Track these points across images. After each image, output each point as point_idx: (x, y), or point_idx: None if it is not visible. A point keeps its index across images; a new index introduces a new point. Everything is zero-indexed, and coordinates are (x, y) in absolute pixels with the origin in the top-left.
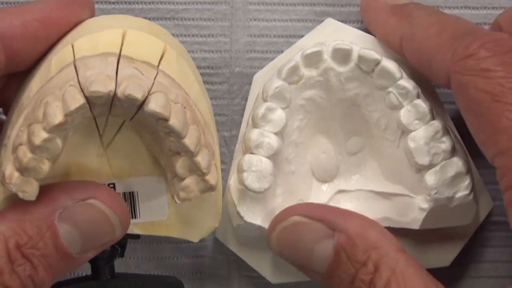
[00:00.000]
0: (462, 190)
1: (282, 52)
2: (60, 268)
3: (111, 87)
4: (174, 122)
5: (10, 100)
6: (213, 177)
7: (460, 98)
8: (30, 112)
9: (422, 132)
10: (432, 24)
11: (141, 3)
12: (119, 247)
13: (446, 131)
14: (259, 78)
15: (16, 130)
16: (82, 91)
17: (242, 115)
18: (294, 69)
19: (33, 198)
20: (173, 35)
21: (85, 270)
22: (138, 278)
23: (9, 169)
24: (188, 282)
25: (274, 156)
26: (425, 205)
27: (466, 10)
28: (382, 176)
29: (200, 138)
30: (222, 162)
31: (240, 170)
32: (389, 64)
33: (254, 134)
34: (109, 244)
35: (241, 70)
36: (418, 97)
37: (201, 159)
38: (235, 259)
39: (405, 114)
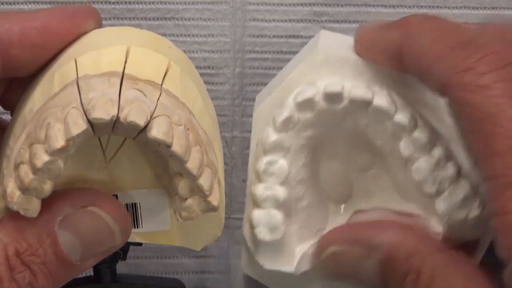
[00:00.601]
0: (474, 210)
1: (281, 52)
2: (60, 275)
3: (114, 112)
4: (176, 148)
5: (15, 104)
6: (215, 198)
7: (455, 113)
8: (32, 130)
9: (424, 164)
10: (429, 31)
11: (141, 3)
12: (122, 251)
13: (448, 156)
14: (260, 100)
15: (18, 146)
16: (85, 113)
17: (243, 115)
18: (288, 120)
19: (35, 215)
20: (173, 35)
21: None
22: (140, 281)
23: (11, 187)
24: (189, 282)
25: (282, 205)
26: (439, 230)
27: (466, 10)
28: (398, 194)
29: (203, 160)
30: (224, 163)
31: (251, 227)
32: (382, 102)
33: (259, 189)
34: (110, 252)
35: (241, 70)
36: (416, 127)
37: (204, 181)
38: (236, 260)
39: (405, 147)
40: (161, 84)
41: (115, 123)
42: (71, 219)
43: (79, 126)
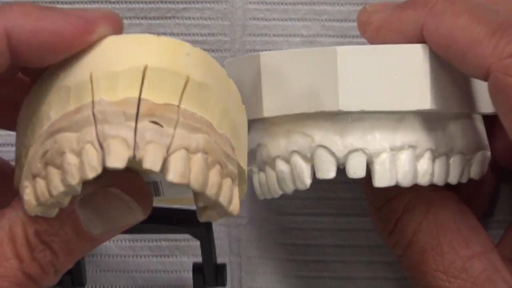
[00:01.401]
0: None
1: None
2: (81, 250)
3: (129, 154)
4: (193, 184)
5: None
6: (235, 207)
7: (498, 97)
8: (48, 147)
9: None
10: (460, 12)
11: (142, 2)
12: None
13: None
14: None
15: (34, 153)
16: (101, 147)
17: None
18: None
19: (53, 216)
20: (173, 34)
21: None
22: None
23: (28, 195)
24: (188, 280)
25: None
26: None
27: None
28: None
29: (221, 182)
30: None
31: None
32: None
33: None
34: (131, 225)
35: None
36: None
37: (223, 198)
38: (236, 258)
39: None
40: (179, 105)
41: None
42: (91, 199)
43: (93, 170)
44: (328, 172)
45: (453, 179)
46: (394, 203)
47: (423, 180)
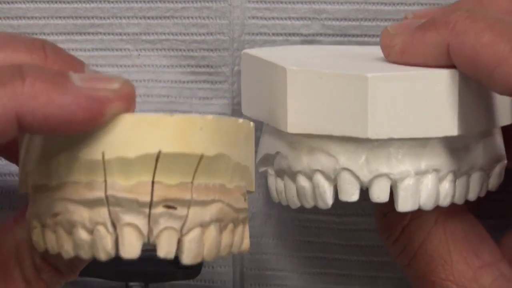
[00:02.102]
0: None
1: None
2: (85, 264)
3: (144, 242)
4: (207, 259)
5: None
6: (246, 246)
7: None
8: (59, 212)
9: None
10: (482, 30)
11: (140, 2)
12: None
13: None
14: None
15: (39, 200)
16: (113, 227)
17: (241, 114)
18: None
19: None
20: (172, 34)
21: None
22: None
23: (36, 236)
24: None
25: None
26: None
27: None
28: None
29: (234, 236)
30: None
31: None
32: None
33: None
34: None
35: (240, 68)
36: None
37: (234, 248)
38: (238, 254)
39: None
40: (192, 181)
41: None
42: None
43: (107, 254)
44: (352, 195)
45: (472, 196)
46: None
47: (444, 202)
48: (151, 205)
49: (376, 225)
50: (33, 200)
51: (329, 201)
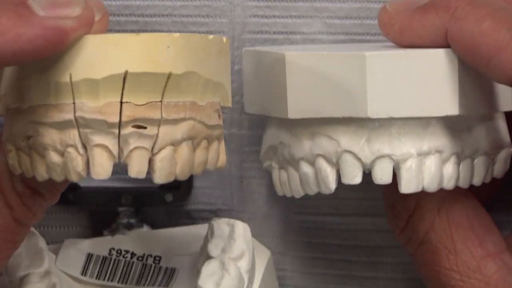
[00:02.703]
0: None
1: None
2: (64, 186)
3: (114, 160)
4: (180, 177)
5: None
6: (222, 163)
7: None
8: (31, 135)
9: None
10: (483, 17)
11: None
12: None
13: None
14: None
15: (12, 123)
16: (84, 149)
17: (242, 112)
18: None
19: None
20: (170, 32)
21: None
22: None
23: (12, 159)
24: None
25: None
26: None
27: None
28: None
29: (208, 152)
30: None
31: None
32: None
33: None
34: None
35: (240, 67)
36: None
37: (210, 165)
38: None
39: None
40: (161, 100)
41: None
42: None
43: (78, 175)
44: (354, 177)
45: (477, 181)
46: (406, 200)
47: (449, 185)
48: (120, 125)
49: (386, 214)
50: (7, 123)
51: (332, 185)
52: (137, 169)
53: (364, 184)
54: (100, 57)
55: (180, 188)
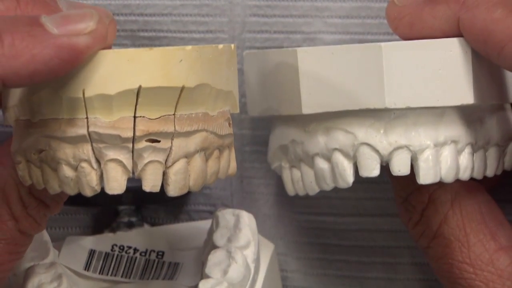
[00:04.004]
0: None
1: (283, 48)
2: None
3: (129, 175)
4: (193, 189)
5: None
6: (233, 170)
7: None
8: (43, 149)
9: None
10: (494, 5)
11: None
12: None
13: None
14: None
15: (22, 135)
16: (98, 163)
17: (242, 112)
18: None
19: None
20: (170, 31)
21: None
22: None
23: (22, 171)
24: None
25: None
26: None
27: None
28: None
29: (220, 161)
30: None
31: None
32: None
33: None
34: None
35: (240, 66)
36: None
37: (221, 174)
38: None
39: None
40: (174, 113)
41: None
42: None
43: (92, 190)
44: (373, 170)
45: (490, 172)
46: (419, 194)
47: (464, 175)
48: (134, 140)
49: (398, 210)
50: (17, 134)
51: (350, 179)
52: (152, 183)
53: (365, 184)
54: (113, 72)
55: None
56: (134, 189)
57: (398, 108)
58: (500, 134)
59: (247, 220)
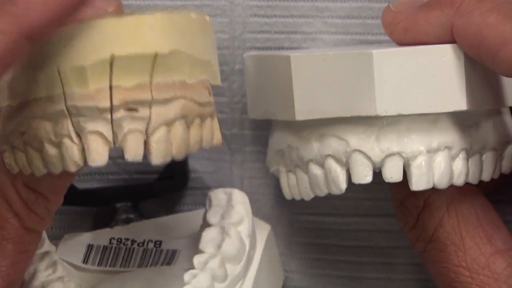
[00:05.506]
0: None
1: (283, 48)
2: (65, 186)
3: (110, 146)
4: (177, 157)
5: None
6: (218, 140)
7: None
8: (25, 131)
9: None
10: (488, 10)
11: None
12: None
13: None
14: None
15: (3, 122)
16: (79, 138)
17: (243, 112)
18: None
19: None
20: None
21: None
22: None
23: (8, 159)
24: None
25: None
26: None
27: None
28: None
29: (202, 130)
30: (222, 160)
31: None
32: None
33: None
34: None
35: (241, 67)
36: None
37: (206, 143)
38: None
39: None
40: (150, 81)
41: None
42: None
43: (75, 164)
44: (365, 176)
45: (486, 177)
46: (414, 198)
47: (459, 181)
48: (112, 109)
49: (395, 213)
50: (0, 122)
51: (343, 185)
52: (133, 152)
53: (365, 184)
54: (86, 43)
55: (175, 178)
56: (131, 187)
57: (390, 115)
58: (496, 138)
59: (240, 197)
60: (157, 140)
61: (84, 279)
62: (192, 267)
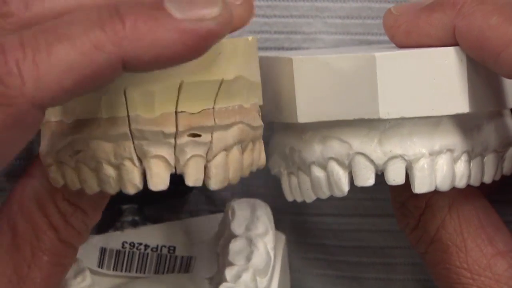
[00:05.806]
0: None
1: (283, 49)
2: (105, 201)
3: (171, 170)
4: (232, 182)
5: None
6: (262, 162)
7: None
8: (81, 150)
9: None
10: (490, 12)
11: None
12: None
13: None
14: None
15: (55, 137)
16: (140, 162)
17: None
18: None
19: None
20: None
21: None
22: None
23: (54, 173)
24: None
25: None
26: None
27: None
28: None
29: (253, 154)
30: None
31: None
32: None
33: None
34: None
35: None
36: None
37: (254, 166)
38: None
39: None
40: (213, 107)
41: None
42: None
43: (135, 187)
44: (368, 179)
45: (487, 179)
46: (416, 199)
47: (461, 183)
48: (176, 135)
49: (395, 214)
50: (47, 137)
51: (345, 188)
52: (194, 177)
53: None
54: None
55: (182, 183)
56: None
57: (392, 118)
58: (498, 141)
59: (264, 208)
60: (217, 166)
61: (100, 283)
62: (211, 276)
